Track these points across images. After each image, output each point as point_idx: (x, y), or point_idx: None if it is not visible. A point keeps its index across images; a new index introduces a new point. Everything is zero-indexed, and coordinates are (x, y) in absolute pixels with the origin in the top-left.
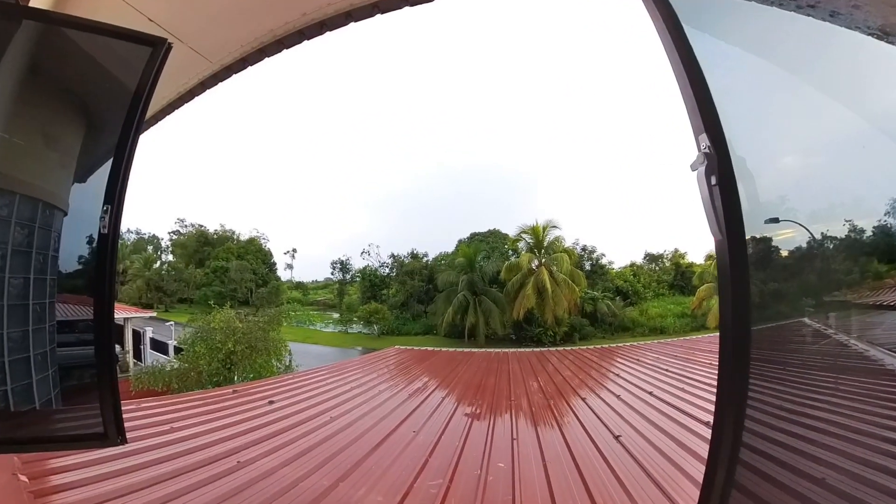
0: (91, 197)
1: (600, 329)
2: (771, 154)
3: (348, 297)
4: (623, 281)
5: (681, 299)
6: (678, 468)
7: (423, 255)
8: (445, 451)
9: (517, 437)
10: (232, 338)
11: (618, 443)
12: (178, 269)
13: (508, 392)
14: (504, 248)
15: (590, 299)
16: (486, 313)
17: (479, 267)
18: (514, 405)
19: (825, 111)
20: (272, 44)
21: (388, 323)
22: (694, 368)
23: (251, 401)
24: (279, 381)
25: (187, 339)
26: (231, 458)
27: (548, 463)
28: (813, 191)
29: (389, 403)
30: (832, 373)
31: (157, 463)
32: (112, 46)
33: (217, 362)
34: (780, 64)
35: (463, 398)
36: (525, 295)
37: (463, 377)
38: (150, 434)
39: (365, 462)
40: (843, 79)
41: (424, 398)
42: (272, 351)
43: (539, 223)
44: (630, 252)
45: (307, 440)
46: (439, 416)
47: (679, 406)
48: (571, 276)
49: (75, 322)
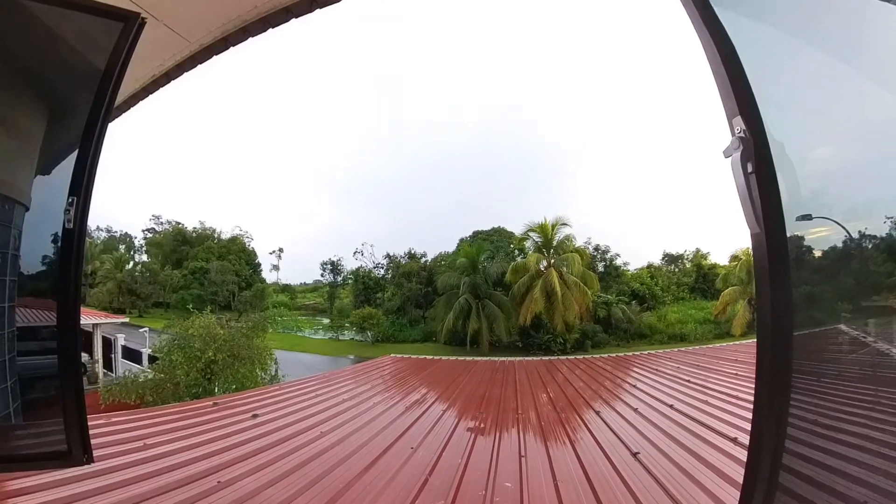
0: (56, 190)
1: (614, 336)
2: (806, 144)
3: (340, 300)
4: (639, 284)
5: (703, 304)
6: (704, 490)
7: (422, 254)
8: (447, 470)
9: (525, 454)
10: (212, 345)
11: (636, 461)
12: (154, 271)
13: (515, 405)
14: (509, 247)
15: (603, 304)
16: (489, 319)
17: (483, 268)
18: (521, 419)
19: (868, 98)
20: (256, 22)
21: (383, 329)
22: (717, 379)
23: (233, 414)
24: (264, 393)
25: (163, 346)
26: (210, 477)
27: (559, 482)
28: (851, 185)
29: (385, 417)
30: (872, 384)
31: (128, 484)
32: (78, 21)
33: (196, 372)
34: (819, 46)
35: (465, 411)
36: (532, 299)
37: (465, 388)
38: (120, 452)
39: (358, 482)
40: (889, 62)
41: (423, 411)
42: (256, 360)
43: (548, 220)
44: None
45: (295, 457)
46: (439, 432)
47: (702, 420)
48: (583, 279)
49: (37, 328)
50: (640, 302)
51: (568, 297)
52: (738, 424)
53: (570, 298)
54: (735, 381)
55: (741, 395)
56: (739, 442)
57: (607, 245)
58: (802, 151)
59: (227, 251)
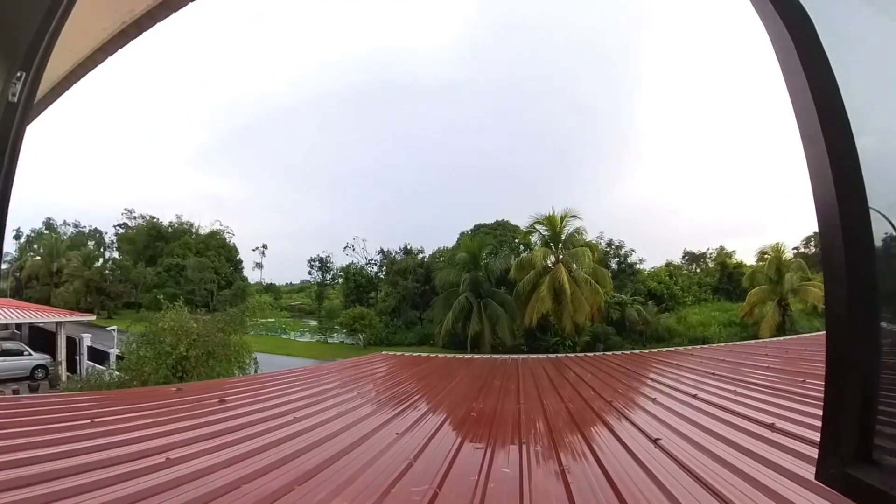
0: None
1: (629, 339)
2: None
3: (329, 300)
4: (657, 283)
5: (727, 305)
6: (739, 473)
7: (418, 250)
8: (435, 455)
9: (526, 440)
10: (185, 341)
11: (657, 447)
12: (125, 268)
13: (516, 390)
14: (514, 241)
15: (616, 304)
16: (492, 319)
17: (485, 264)
18: (523, 409)
19: None
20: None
21: (375, 331)
22: (747, 371)
23: (197, 399)
24: (235, 382)
25: (131, 343)
26: (160, 455)
27: (566, 469)
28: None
29: (369, 406)
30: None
31: (70, 456)
32: None
33: (165, 369)
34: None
35: (462, 399)
36: (539, 297)
37: (463, 381)
38: (67, 427)
39: (332, 465)
40: None
41: (414, 401)
42: (233, 357)
43: (556, 212)
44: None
45: (260, 440)
46: (430, 419)
47: (732, 408)
48: (594, 276)
49: None
50: (657, 302)
51: (578, 297)
52: (774, 412)
53: (580, 298)
54: (767, 374)
55: (775, 386)
56: (778, 428)
57: (621, 240)
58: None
59: (205, 247)
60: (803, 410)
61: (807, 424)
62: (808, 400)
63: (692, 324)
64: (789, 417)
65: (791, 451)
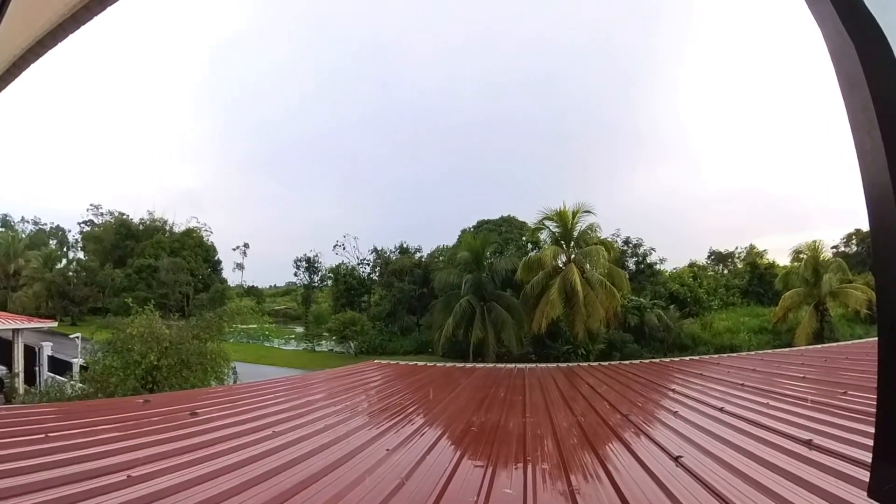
0: None
1: (648, 347)
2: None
3: (317, 304)
4: (679, 285)
5: (758, 310)
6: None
7: (415, 249)
8: (429, 474)
9: (531, 457)
10: (156, 348)
11: (678, 465)
12: (91, 270)
13: (522, 403)
14: (521, 239)
15: (634, 308)
16: (496, 325)
17: (489, 264)
18: (528, 422)
19: None
20: None
21: (368, 338)
22: (780, 382)
23: (167, 412)
24: (209, 393)
25: (96, 351)
26: (121, 472)
27: (576, 490)
28: None
29: (358, 420)
30: None
31: (18, 474)
32: None
33: (134, 380)
34: None
35: (460, 413)
36: (548, 301)
37: (462, 392)
38: (16, 443)
39: (314, 484)
40: None
41: (408, 414)
42: (210, 367)
43: (567, 207)
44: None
45: (234, 456)
46: (425, 434)
47: (762, 423)
48: (610, 277)
49: None
50: (679, 307)
51: (591, 300)
52: (812, 427)
53: (594, 301)
54: (802, 385)
55: (812, 398)
56: (816, 444)
57: (639, 238)
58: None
59: (180, 246)
60: (845, 425)
61: (849, 441)
62: (850, 413)
63: (719, 330)
64: (829, 433)
65: (831, 470)
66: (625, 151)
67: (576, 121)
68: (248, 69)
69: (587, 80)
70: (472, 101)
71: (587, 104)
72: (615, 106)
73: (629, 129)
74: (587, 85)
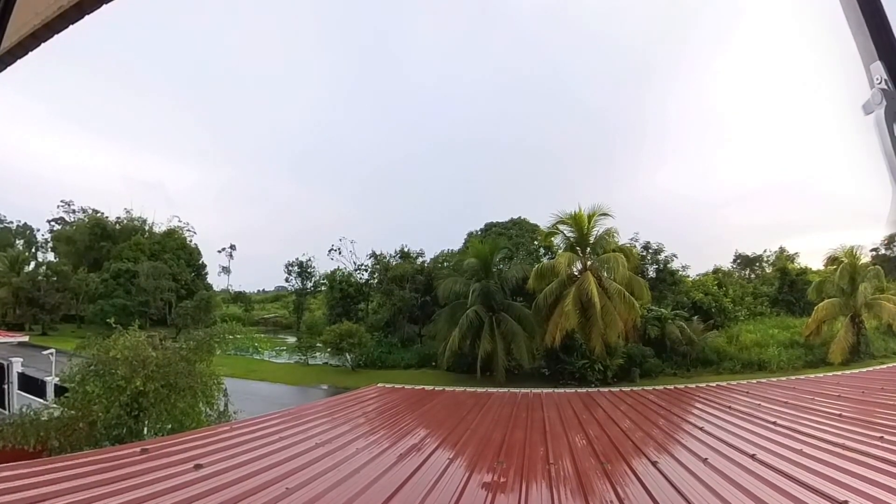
0: None
1: (670, 362)
2: None
3: (310, 312)
4: (703, 294)
5: (788, 321)
6: None
7: (417, 253)
8: None
9: None
10: (141, 372)
11: None
12: (63, 274)
13: (545, 452)
14: (533, 244)
15: (655, 319)
16: (506, 338)
17: (498, 271)
18: (553, 469)
19: None
20: None
21: (366, 350)
22: (814, 422)
23: (169, 464)
24: (210, 436)
25: (75, 374)
26: None
27: None
28: None
29: (371, 469)
30: None
31: None
32: None
33: (119, 407)
34: None
35: (478, 461)
36: (563, 312)
37: (477, 430)
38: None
39: None
40: None
41: (422, 461)
42: (200, 391)
43: (583, 209)
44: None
45: None
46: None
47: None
48: (629, 286)
49: None
50: (703, 318)
51: (609, 311)
52: (848, 483)
53: (611, 312)
54: (838, 425)
55: (848, 445)
56: None
57: (660, 243)
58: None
59: (161, 248)
60: (880, 482)
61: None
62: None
63: (746, 344)
64: (864, 492)
65: None
66: (646, 149)
67: (589, 119)
68: (230, 61)
69: (600, 76)
70: (472, 101)
71: (599, 102)
72: (630, 103)
73: (647, 125)
74: (600, 82)
